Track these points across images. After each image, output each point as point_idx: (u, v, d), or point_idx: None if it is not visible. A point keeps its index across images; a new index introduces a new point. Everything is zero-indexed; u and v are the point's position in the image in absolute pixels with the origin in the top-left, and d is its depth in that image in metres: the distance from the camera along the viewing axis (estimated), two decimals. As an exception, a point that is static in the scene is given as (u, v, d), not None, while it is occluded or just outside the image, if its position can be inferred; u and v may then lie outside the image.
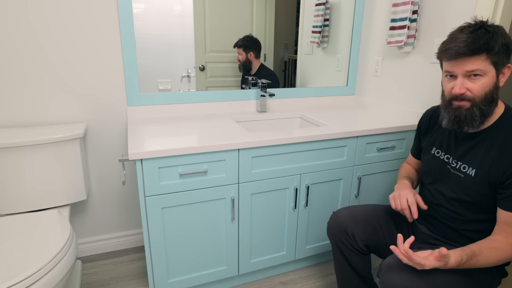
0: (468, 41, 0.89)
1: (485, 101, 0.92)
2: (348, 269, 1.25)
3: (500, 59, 0.90)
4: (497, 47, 0.88)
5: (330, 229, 1.26)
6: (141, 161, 1.19)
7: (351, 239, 1.20)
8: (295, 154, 1.43)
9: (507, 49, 0.90)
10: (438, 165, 1.10)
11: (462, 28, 0.93)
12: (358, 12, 1.94)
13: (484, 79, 0.91)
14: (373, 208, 1.25)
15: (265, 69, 1.85)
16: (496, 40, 0.88)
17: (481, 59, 0.89)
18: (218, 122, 1.58)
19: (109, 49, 1.53)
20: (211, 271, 1.46)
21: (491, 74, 0.91)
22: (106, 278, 1.62)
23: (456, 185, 1.04)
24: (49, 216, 1.35)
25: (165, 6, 1.57)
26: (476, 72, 0.90)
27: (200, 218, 1.36)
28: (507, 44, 0.90)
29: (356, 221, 1.20)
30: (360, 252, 1.21)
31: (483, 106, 0.93)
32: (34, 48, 1.42)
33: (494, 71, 0.91)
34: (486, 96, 0.92)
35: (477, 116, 0.93)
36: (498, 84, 0.93)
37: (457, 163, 1.03)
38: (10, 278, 0.98)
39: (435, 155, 1.12)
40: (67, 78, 1.51)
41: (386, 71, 1.86)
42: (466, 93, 0.93)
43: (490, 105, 0.93)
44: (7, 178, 1.36)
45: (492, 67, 0.90)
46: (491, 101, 0.93)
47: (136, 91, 1.61)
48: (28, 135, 1.35)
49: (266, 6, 1.76)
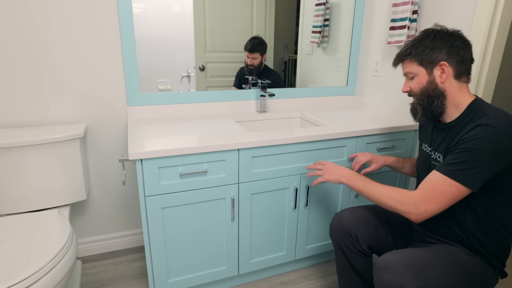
0: (399, 51, 1.09)
1: (422, 96, 1.06)
2: (349, 270, 1.26)
3: (424, 58, 1.03)
4: (416, 50, 1.03)
5: (333, 230, 1.27)
6: (141, 161, 1.19)
7: (354, 241, 1.20)
8: (295, 154, 1.43)
9: (432, 49, 1.02)
10: (424, 158, 1.16)
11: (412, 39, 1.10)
12: (358, 12, 1.94)
13: (417, 78, 1.06)
14: (374, 208, 1.26)
15: (269, 70, 1.85)
16: (418, 44, 1.04)
17: (407, 63, 1.07)
18: (218, 122, 1.58)
19: (109, 49, 1.53)
20: (211, 271, 1.46)
21: (422, 73, 1.05)
22: (106, 278, 1.62)
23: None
24: (49, 216, 1.35)
25: (165, 6, 1.57)
26: (409, 74, 1.08)
27: (200, 218, 1.36)
28: (431, 46, 1.02)
29: (360, 222, 1.21)
30: (363, 254, 1.22)
31: (421, 101, 1.06)
32: (36, 47, 1.42)
33: (424, 69, 1.04)
34: (422, 92, 1.06)
35: (418, 110, 1.08)
36: (435, 80, 1.03)
37: (434, 154, 1.11)
38: (10, 278, 0.98)
39: (423, 150, 1.19)
40: (68, 78, 1.51)
41: (386, 71, 1.86)
42: (411, 91, 1.10)
43: (429, 100, 1.05)
44: (7, 178, 1.36)
45: (419, 67, 1.04)
46: (429, 96, 1.05)
47: (136, 91, 1.61)
48: (28, 135, 1.35)
49: (266, 6, 1.76)
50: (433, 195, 0.95)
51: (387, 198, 1.02)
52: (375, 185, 1.08)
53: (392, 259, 0.94)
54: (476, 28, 1.37)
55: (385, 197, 1.03)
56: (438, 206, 0.95)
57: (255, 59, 1.76)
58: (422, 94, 1.06)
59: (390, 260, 0.94)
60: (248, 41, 1.75)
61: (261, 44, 1.76)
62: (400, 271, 0.90)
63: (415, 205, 0.96)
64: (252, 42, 1.73)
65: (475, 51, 1.37)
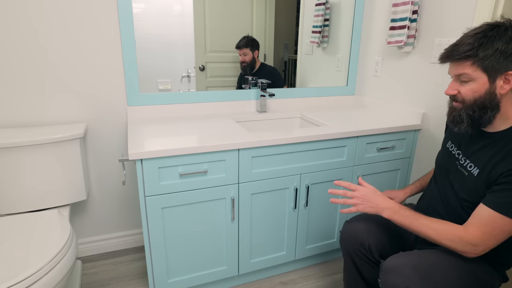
0: (458, 46, 0.91)
1: (475, 106, 0.92)
2: (358, 279, 1.23)
3: (492, 64, 0.87)
4: (485, 53, 0.86)
5: (344, 240, 1.21)
6: (141, 161, 1.19)
7: (367, 252, 1.15)
8: (295, 154, 1.43)
9: (504, 55, 0.86)
10: (449, 158, 1.09)
11: (472, 30, 0.92)
12: (358, 12, 1.94)
13: (474, 84, 0.91)
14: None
15: (266, 66, 1.85)
16: (488, 46, 0.87)
17: (466, 65, 0.90)
18: (218, 122, 1.58)
19: (109, 49, 1.53)
20: (211, 271, 1.46)
21: (482, 80, 0.90)
22: (106, 278, 1.62)
23: (459, 182, 1.03)
24: (49, 216, 1.35)
25: (165, 6, 1.57)
26: (463, 77, 0.92)
27: (200, 218, 1.36)
28: (504, 51, 0.86)
29: (372, 232, 1.16)
30: (374, 263, 1.17)
31: (471, 112, 0.93)
32: (35, 48, 1.42)
33: (486, 77, 0.89)
34: (476, 101, 0.92)
35: (464, 120, 0.95)
36: (495, 90, 0.90)
37: (465, 161, 1.02)
38: (10, 278, 0.98)
39: (449, 149, 1.11)
40: (67, 78, 1.51)
41: (386, 71, 1.86)
42: (457, 95, 0.95)
43: (481, 111, 0.92)
44: (7, 178, 1.36)
45: (482, 73, 0.89)
46: (483, 107, 0.92)
47: (136, 91, 1.61)
48: (28, 135, 1.35)
49: (266, 6, 1.76)
50: (493, 234, 0.89)
51: (443, 238, 0.93)
52: (425, 221, 0.96)
53: (399, 262, 0.93)
54: (476, 28, 1.37)
55: (441, 237, 0.93)
56: (496, 243, 0.90)
57: (246, 55, 1.77)
58: (475, 104, 0.92)
59: (397, 263, 0.93)
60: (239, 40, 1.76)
61: (249, 40, 1.76)
62: (407, 273, 0.90)
63: (473, 246, 0.90)
64: (241, 40, 1.75)
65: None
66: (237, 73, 1.81)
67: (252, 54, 1.78)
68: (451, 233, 0.92)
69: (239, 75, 1.81)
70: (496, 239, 0.89)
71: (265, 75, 1.84)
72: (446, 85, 1.51)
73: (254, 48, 1.78)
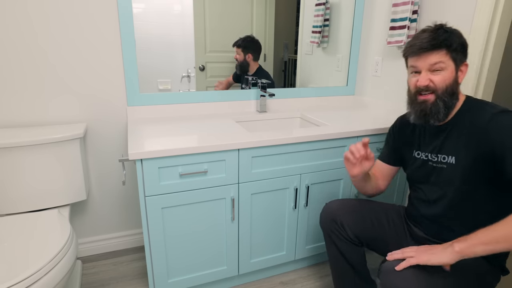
0: (430, 37, 0.98)
1: (446, 93, 1.00)
2: (342, 261, 1.26)
3: (458, 56, 0.99)
4: (455, 44, 0.97)
5: (321, 218, 1.29)
6: (141, 161, 1.19)
7: (340, 227, 1.22)
8: (295, 154, 1.43)
9: (463, 48, 1.00)
10: (420, 165, 1.13)
11: (424, 29, 1.02)
12: (358, 12, 1.94)
13: (445, 73, 0.99)
14: (367, 202, 1.26)
15: (263, 72, 1.84)
16: (454, 38, 0.98)
17: (441, 53, 0.98)
18: (218, 122, 1.58)
19: (109, 49, 1.53)
20: (211, 271, 1.46)
21: (451, 69, 0.99)
22: (106, 278, 1.62)
23: (441, 177, 1.06)
24: (49, 216, 1.35)
25: (165, 6, 1.57)
26: (438, 65, 0.98)
27: (200, 218, 1.36)
28: (463, 44, 1.00)
29: (346, 211, 1.22)
30: (351, 242, 1.22)
31: (445, 98, 1.00)
32: (34, 47, 1.42)
33: (454, 66, 0.99)
34: (447, 88, 0.99)
35: (441, 108, 1.00)
36: (458, 79, 1.02)
37: (437, 156, 1.07)
38: (10, 278, 0.98)
39: (416, 157, 1.15)
40: (67, 78, 1.51)
41: (386, 71, 1.86)
42: (430, 85, 1.00)
43: (451, 97, 1.01)
44: (7, 178, 1.36)
45: (451, 62, 0.99)
46: (452, 94, 1.00)
47: (136, 91, 1.61)
48: (28, 135, 1.35)
49: (266, 6, 1.76)
50: None
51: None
52: (493, 227, 0.85)
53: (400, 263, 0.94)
54: (476, 28, 1.37)
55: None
56: None
57: (238, 54, 1.77)
58: (447, 91, 0.99)
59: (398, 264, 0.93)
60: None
61: (244, 40, 1.75)
62: (407, 275, 0.90)
63: None
64: (239, 39, 1.74)
65: (475, 51, 1.38)
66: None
67: (244, 56, 1.78)
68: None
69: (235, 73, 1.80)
70: None
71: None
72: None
73: (247, 50, 1.77)
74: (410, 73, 1.06)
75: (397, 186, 1.74)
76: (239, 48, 1.75)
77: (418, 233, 1.16)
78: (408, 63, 1.06)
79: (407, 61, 1.07)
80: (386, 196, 1.73)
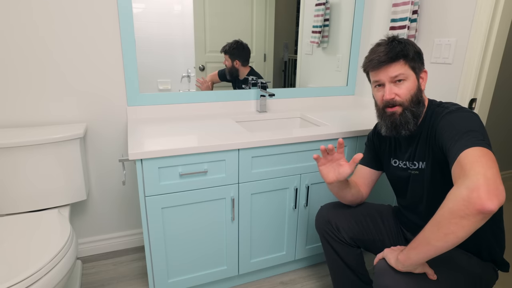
0: (386, 50, 1.00)
1: (412, 103, 1.01)
2: (340, 263, 1.26)
3: (416, 64, 1.01)
4: (411, 53, 0.99)
5: (316, 221, 1.30)
6: (141, 161, 1.19)
7: (335, 230, 1.22)
8: (295, 154, 1.43)
9: (419, 56, 1.02)
10: (400, 173, 1.14)
11: (379, 43, 1.04)
12: (358, 12, 1.94)
13: (408, 83, 1.00)
14: (363, 205, 1.27)
15: (255, 75, 1.83)
16: (408, 48, 1.00)
17: (400, 65, 0.99)
18: (218, 122, 1.58)
19: (109, 49, 1.53)
20: (211, 271, 1.46)
21: (412, 78, 1.01)
22: (106, 278, 1.62)
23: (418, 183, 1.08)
24: (49, 216, 1.35)
25: (165, 6, 1.57)
26: (399, 77, 1.00)
27: (200, 218, 1.36)
28: (418, 52, 1.02)
29: (341, 213, 1.23)
30: (347, 244, 1.23)
31: (413, 108, 1.01)
32: (38, 49, 1.42)
33: (414, 75, 1.01)
34: (412, 98, 1.01)
35: (410, 119, 1.01)
36: (420, 87, 1.03)
37: (412, 164, 1.08)
38: (10, 278, 0.98)
39: (393, 165, 1.17)
40: (68, 78, 1.51)
41: (386, 71, 1.86)
42: (396, 98, 1.01)
43: (418, 106, 1.02)
44: (8, 178, 1.36)
45: (411, 71, 1.01)
46: (418, 102, 1.02)
47: (136, 91, 1.61)
48: (29, 135, 1.35)
49: (266, 6, 1.76)
50: (484, 164, 0.75)
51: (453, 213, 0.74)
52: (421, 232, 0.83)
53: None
54: (476, 28, 1.37)
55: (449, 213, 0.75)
56: (493, 170, 0.74)
57: (226, 60, 1.75)
58: (412, 101, 1.01)
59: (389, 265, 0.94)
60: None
61: (231, 47, 1.73)
62: (398, 277, 0.90)
63: (480, 186, 0.71)
64: (225, 44, 1.72)
65: (475, 51, 1.38)
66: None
67: (232, 62, 1.77)
68: (453, 201, 0.74)
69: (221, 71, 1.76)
70: (489, 166, 0.75)
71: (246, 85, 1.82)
72: (446, 85, 1.51)
73: (234, 57, 1.76)
74: (374, 87, 1.07)
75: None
76: (226, 54, 1.75)
77: (410, 237, 1.16)
78: (371, 78, 1.07)
79: (368, 76, 1.09)
80: (383, 197, 1.72)
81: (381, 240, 1.21)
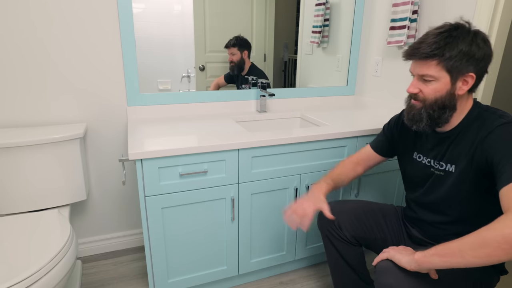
0: (425, 43, 0.90)
1: (435, 106, 0.94)
2: (341, 262, 1.26)
3: (457, 65, 0.88)
4: (451, 53, 0.87)
5: (319, 220, 1.29)
6: (141, 161, 1.19)
7: (337, 229, 1.21)
8: (295, 154, 1.43)
9: (467, 56, 0.88)
10: (421, 168, 1.10)
11: (428, 33, 0.94)
12: (358, 12, 1.94)
13: (436, 84, 0.92)
14: (365, 204, 1.27)
15: (256, 68, 1.84)
16: (453, 46, 0.87)
17: (431, 65, 0.90)
18: (218, 122, 1.58)
19: (109, 49, 1.53)
20: (211, 271, 1.46)
21: (445, 81, 0.91)
22: (106, 278, 1.62)
23: (440, 185, 1.04)
24: (49, 216, 1.35)
25: (165, 6, 1.57)
26: (426, 77, 0.92)
27: (200, 218, 1.36)
28: (468, 52, 0.88)
29: (342, 212, 1.22)
30: (349, 243, 1.22)
31: (431, 111, 0.94)
32: (37, 49, 1.42)
33: (449, 77, 0.90)
34: (437, 101, 0.93)
35: (424, 119, 0.96)
36: (455, 91, 0.92)
37: (438, 163, 1.04)
38: (10, 277, 0.98)
39: (417, 160, 1.12)
40: (68, 78, 1.51)
41: (386, 71, 1.86)
42: (419, 94, 0.96)
43: (441, 111, 0.94)
44: (8, 178, 1.36)
45: (445, 73, 0.90)
46: (443, 107, 0.94)
47: (136, 91, 1.61)
48: (29, 135, 1.35)
49: (266, 6, 1.76)
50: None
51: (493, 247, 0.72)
52: (453, 240, 0.79)
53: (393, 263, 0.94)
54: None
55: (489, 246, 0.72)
56: None
57: (234, 54, 1.76)
58: (436, 104, 0.93)
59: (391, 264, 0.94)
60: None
61: (238, 40, 1.75)
62: (401, 276, 0.90)
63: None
64: (230, 39, 1.73)
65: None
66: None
67: (241, 55, 1.77)
68: (500, 233, 0.71)
69: (226, 74, 1.79)
70: None
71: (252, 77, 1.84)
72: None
73: (242, 48, 1.77)
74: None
75: (397, 186, 1.74)
76: (235, 47, 1.75)
77: (415, 234, 1.16)
78: None
79: None
80: (386, 196, 1.73)
81: (383, 239, 1.21)
